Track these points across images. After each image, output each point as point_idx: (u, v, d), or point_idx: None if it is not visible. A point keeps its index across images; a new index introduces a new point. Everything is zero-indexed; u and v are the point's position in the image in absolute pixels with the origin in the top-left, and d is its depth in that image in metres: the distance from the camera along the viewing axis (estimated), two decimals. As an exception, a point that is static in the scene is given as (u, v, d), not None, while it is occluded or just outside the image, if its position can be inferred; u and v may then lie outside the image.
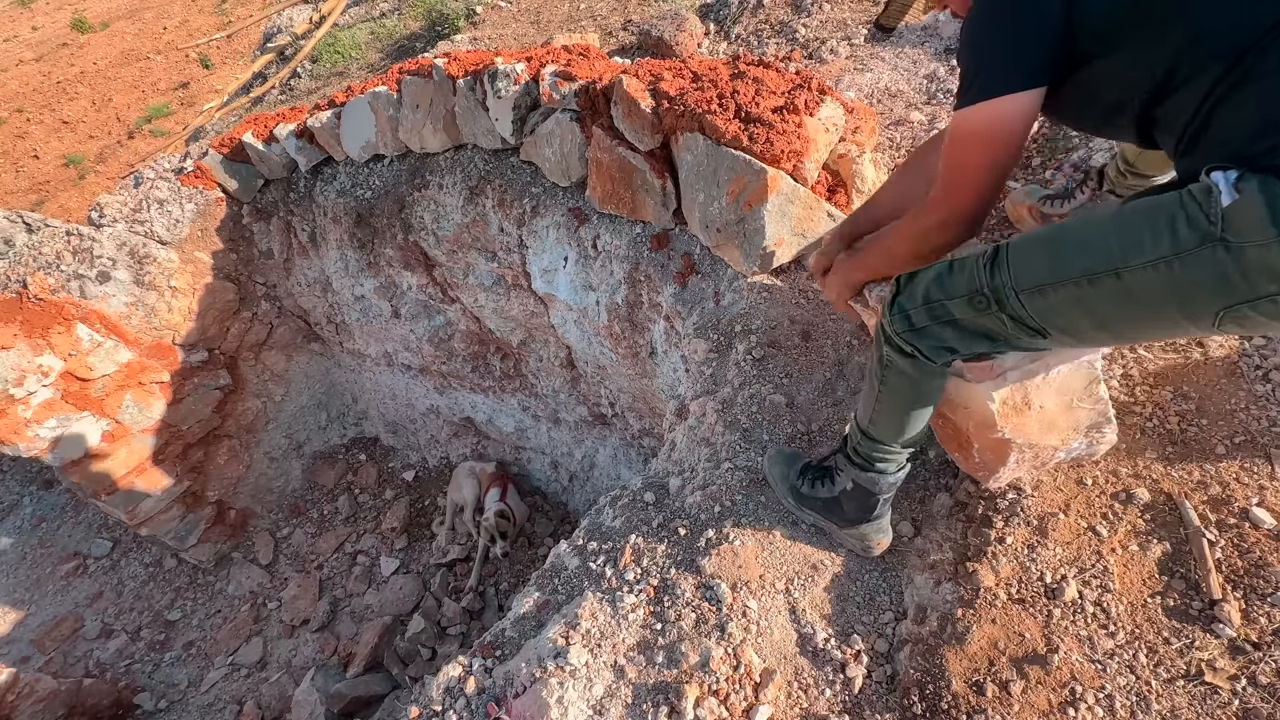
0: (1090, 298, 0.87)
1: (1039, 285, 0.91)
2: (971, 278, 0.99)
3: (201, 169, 3.61)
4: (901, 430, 1.24)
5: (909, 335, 1.09)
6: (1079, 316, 0.91)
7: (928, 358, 1.10)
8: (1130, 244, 0.82)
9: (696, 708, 1.27)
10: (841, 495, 1.38)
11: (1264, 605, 1.17)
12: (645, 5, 3.36)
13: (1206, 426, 1.40)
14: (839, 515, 1.42)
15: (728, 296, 2.17)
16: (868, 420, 1.27)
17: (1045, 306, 0.92)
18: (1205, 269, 0.77)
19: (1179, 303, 0.82)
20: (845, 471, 1.36)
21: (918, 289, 1.07)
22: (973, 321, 1.02)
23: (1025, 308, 0.94)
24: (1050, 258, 0.91)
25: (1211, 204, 0.75)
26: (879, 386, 1.20)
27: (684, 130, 2.12)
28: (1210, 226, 0.75)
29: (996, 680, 1.20)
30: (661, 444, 2.40)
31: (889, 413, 1.22)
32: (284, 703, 3.64)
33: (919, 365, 1.12)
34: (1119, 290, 0.84)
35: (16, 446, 3.34)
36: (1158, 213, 0.81)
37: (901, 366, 1.14)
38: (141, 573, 4.34)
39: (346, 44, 4.23)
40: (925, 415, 1.23)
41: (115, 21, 10.60)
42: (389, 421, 4.78)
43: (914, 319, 1.08)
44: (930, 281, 1.05)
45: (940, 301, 1.04)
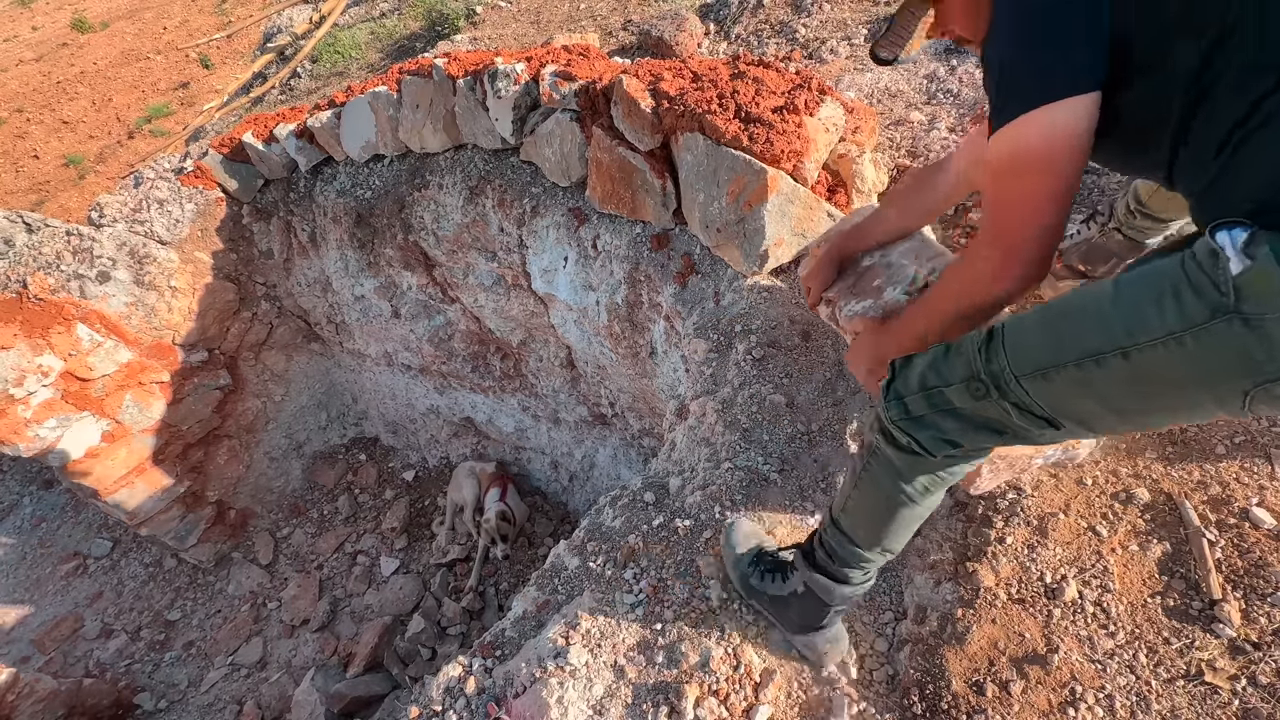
0: (1098, 381, 0.77)
1: (1040, 369, 0.81)
2: (968, 362, 0.90)
3: (201, 169, 3.61)
4: (876, 533, 1.10)
5: (905, 424, 0.98)
6: (1090, 402, 0.81)
7: (926, 450, 0.98)
8: (1134, 319, 0.72)
9: (696, 708, 1.27)
10: (791, 597, 1.25)
11: (1264, 605, 1.17)
12: (645, 5, 3.36)
13: (1206, 426, 1.40)
14: (784, 618, 1.29)
15: (728, 296, 2.17)
16: (840, 509, 1.14)
17: (1050, 392, 0.82)
18: (1223, 346, 0.67)
19: (1199, 384, 0.72)
20: (800, 572, 1.23)
21: (913, 374, 0.97)
22: (974, 411, 0.91)
23: (1028, 394, 0.84)
24: (1049, 337, 0.82)
25: (1219, 270, 0.67)
26: (859, 474, 1.08)
27: (684, 130, 2.12)
28: (1221, 297, 0.66)
29: (996, 680, 1.20)
30: (661, 444, 2.40)
31: (865, 508, 1.09)
32: (284, 703, 3.64)
33: (912, 460, 1.00)
34: (1129, 372, 0.74)
35: (16, 446, 3.34)
36: (1161, 281, 0.72)
37: (889, 456, 1.02)
38: (141, 573, 4.34)
39: (346, 44, 4.23)
40: (907, 521, 1.08)
41: (115, 21, 10.61)
42: (389, 421, 4.78)
43: (910, 407, 0.97)
44: (927, 366, 0.96)
45: (938, 388, 0.93)
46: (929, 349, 0.98)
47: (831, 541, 1.16)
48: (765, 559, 1.37)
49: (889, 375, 1.01)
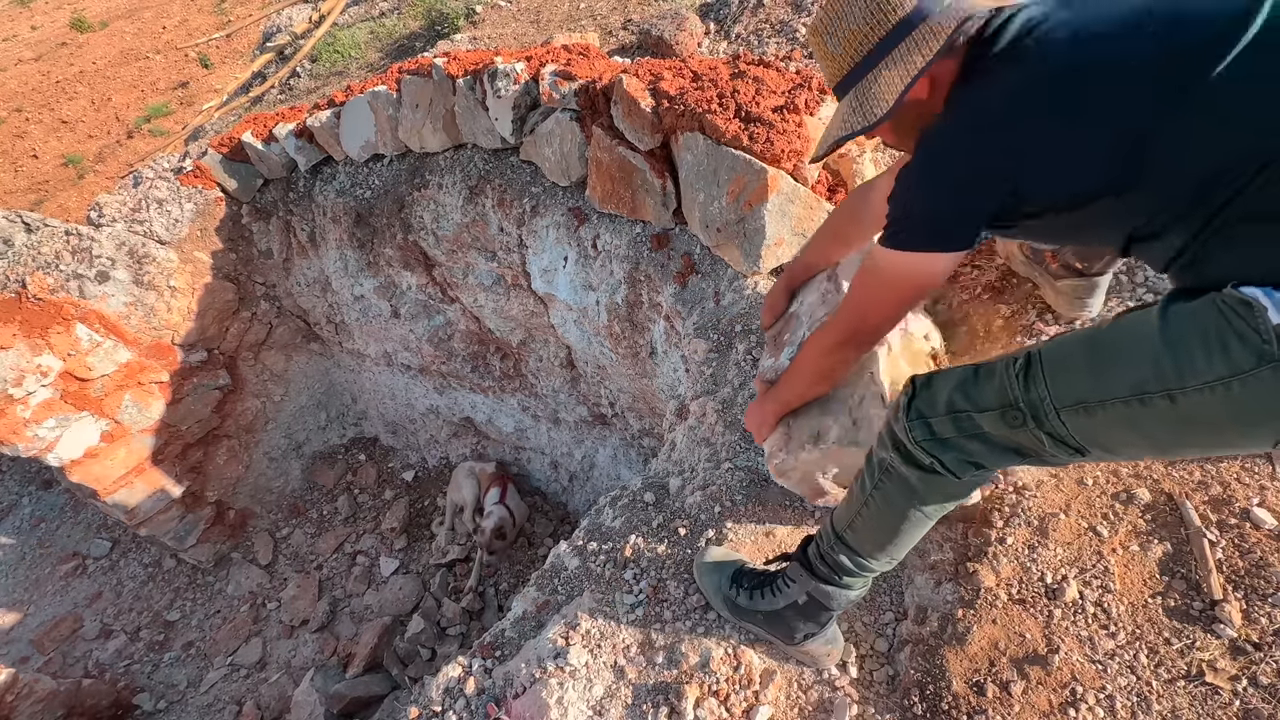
0: (1141, 418, 0.79)
1: (1082, 403, 0.82)
2: (1003, 389, 0.89)
3: (201, 168, 3.61)
4: (885, 547, 1.10)
5: (930, 446, 0.96)
6: (1128, 436, 0.83)
7: (950, 471, 0.96)
8: (1185, 364, 0.75)
9: (696, 708, 1.27)
10: (788, 609, 1.24)
11: (1265, 605, 1.17)
12: (645, 5, 3.35)
13: (1207, 426, 1.40)
14: (784, 631, 1.27)
15: (728, 296, 2.17)
16: (846, 526, 1.12)
17: (1089, 425, 0.84)
18: (1267, 392, 0.71)
19: (1238, 425, 0.76)
20: (799, 582, 1.21)
21: (939, 395, 0.96)
22: (1005, 437, 0.91)
23: (1066, 426, 0.85)
24: (1093, 374, 0.82)
25: (1258, 320, 0.70)
26: (870, 492, 1.06)
27: (684, 130, 2.12)
28: (1265, 346, 0.69)
29: (997, 681, 1.20)
30: (661, 444, 2.40)
31: (877, 525, 1.08)
32: (283, 703, 3.64)
33: (933, 480, 0.98)
34: (1173, 412, 0.77)
35: (15, 446, 3.34)
36: (1206, 326, 0.74)
37: (905, 476, 1.00)
38: (141, 573, 4.33)
39: (346, 43, 4.23)
40: (920, 533, 1.08)
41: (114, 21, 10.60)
42: (389, 421, 4.77)
43: (937, 429, 0.95)
44: (954, 388, 0.95)
45: (967, 413, 0.92)
46: (951, 369, 0.99)
47: (837, 556, 1.15)
48: (746, 577, 1.34)
49: (908, 394, 1.00)
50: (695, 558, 1.47)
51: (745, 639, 1.37)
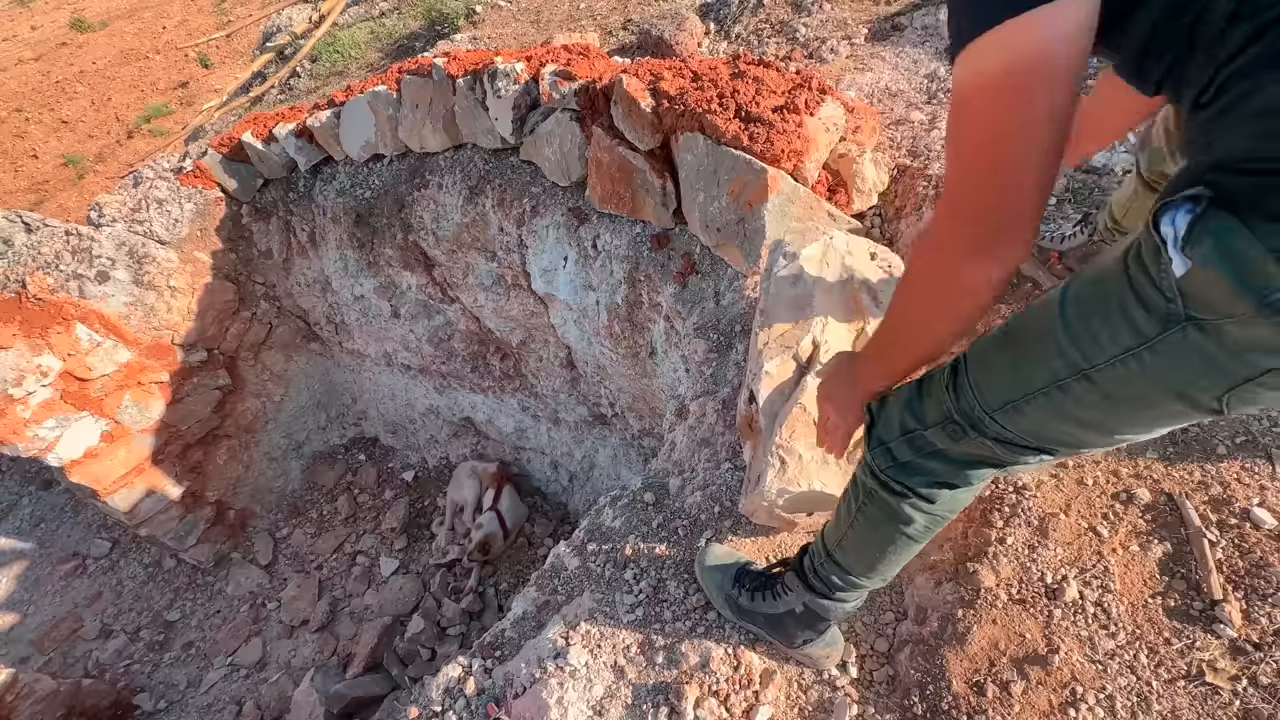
0: (1069, 405, 0.72)
1: (1009, 402, 0.76)
2: (939, 402, 0.84)
3: (201, 169, 3.61)
4: (873, 567, 1.06)
5: (894, 472, 0.93)
6: (1070, 426, 0.75)
7: (922, 497, 0.92)
8: (1087, 342, 0.67)
9: (696, 708, 1.27)
10: (786, 616, 1.24)
11: (1265, 606, 1.17)
12: (645, 5, 3.35)
13: (1208, 426, 1.40)
14: (783, 635, 1.27)
15: (728, 296, 2.17)
16: (835, 544, 1.09)
17: (1026, 422, 0.77)
18: (1184, 356, 0.61)
19: (1170, 394, 0.66)
20: (795, 593, 1.21)
21: (892, 418, 0.91)
22: (960, 452, 0.86)
23: (1005, 428, 0.78)
24: (1011, 370, 0.76)
25: (1163, 274, 0.59)
26: (855, 515, 1.03)
27: (684, 130, 2.12)
28: (1169, 305, 0.59)
29: (997, 681, 1.20)
30: (661, 444, 2.40)
31: (864, 546, 1.05)
32: (283, 703, 3.64)
33: (910, 504, 0.94)
34: (1096, 393, 0.69)
35: (16, 447, 3.34)
36: (1108, 296, 0.65)
37: (886, 501, 0.96)
38: (141, 573, 4.33)
39: (346, 43, 4.23)
40: (909, 554, 1.03)
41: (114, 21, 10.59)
42: (389, 421, 4.77)
43: (896, 453, 0.91)
44: (903, 408, 0.89)
45: (918, 431, 0.87)
46: (900, 388, 0.92)
47: (828, 574, 1.13)
48: (749, 578, 1.34)
49: (868, 420, 0.96)
50: (697, 556, 1.47)
51: (745, 639, 1.37)
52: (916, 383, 0.90)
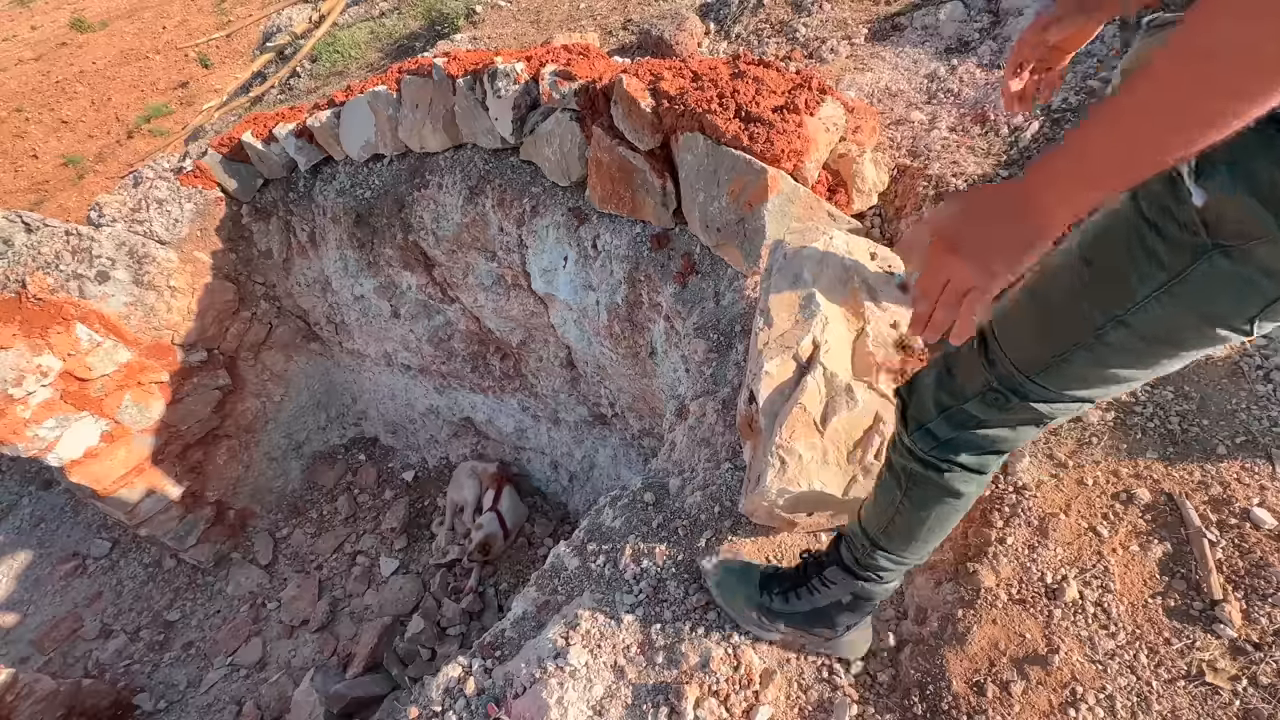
0: (1108, 354, 0.73)
1: (1049, 364, 0.77)
2: (974, 374, 0.85)
3: (201, 168, 3.61)
4: (926, 543, 1.07)
5: (941, 451, 0.93)
6: (1113, 370, 0.76)
7: (973, 470, 0.93)
8: (1117, 288, 0.68)
9: (696, 708, 1.27)
10: (832, 606, 1.24)
11: (1265, 606, 1.17)
12: (645, 5, 3.35)
13: (1208, 426, 1.40)
14: (826, 625, 1.26)
15: (728, 296, 2.17)
16: (880, 531, 1.09)
17: (1071, 379, 0.78)
18: (1215, 283, 0.62)
19: (1205, 321, 0.67)
20: (841, 584, 1.21)
21: (925, 400, 0.91)
22: (1001, 418, 0.87)
23: (1049, 389, 0.79)
24: (1043, 332, 0.77)
25: (1182, 205, 0.59)
26: (901, 500, 1.02)
27: (684, 130, 2.12)
28: (1194, 237, 0.60)
29: (997, 681, 1.20)
30: (661, 444, 2.40)
31: (914, 525, 1.04)
32: (283, 703, 3.64)
33: (959, 478, 0.95)
34: (1133, 336, 0.70)
35: (16, 447, 3.34)
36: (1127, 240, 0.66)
37: (932, 479, 0.96)
38: (141, 573, 4.33)
39: (346, 43, 4.23)
40: (957, 519, 1.05)
41: (114, 21, 10.59)
42: (388, 421, 4.77)
43: (938, 433, 0.91)
44: (935, 388, 0.90)
45: (956, 407, 0.88)
46: (924, 371, 0.92)
47: (874, 560, 1.13)
48: (776, 581, 1.33)
49: (900, 404, 0.95)
50: (710, 577, 1.44)
51: (745, 639, 1.37)
52: (943, 360, 0.90)
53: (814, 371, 1.49)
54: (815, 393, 1.47)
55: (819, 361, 1.50)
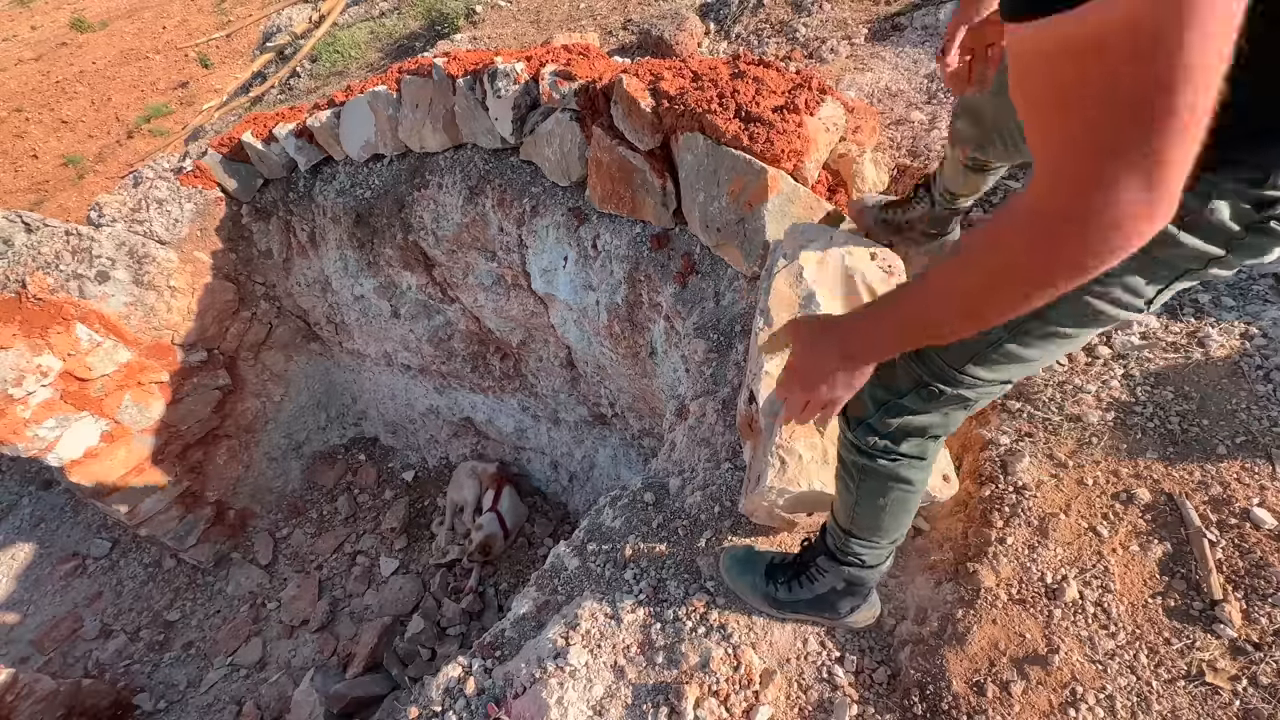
0: (1029, 344, 0.83)
1: (977, 354, 0.85)
2: (907, 370, 0.91)
3: (201, 168, 3.61)
4: (893, 526, 1.15)
5: (882, 443, 1.00)
6: (1028, 356, 0.85)
7: (913, 456, 1.01)
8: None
9: (697, 708, 1.27)
10: (830, 593, 1.30)
11: (1265, 606, 1.17)
12: (645, 5, 3.35)
13: (1208, 426, 1.40)
14: (830, 610, 1.33)
15: (728, 296, 2.17)
16: (849, 522, 1.17)
17: (993, 366, 0.86)
18: (1121, 280, 0.74)
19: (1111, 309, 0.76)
20: (833, 572, 1.27)
21: (863, 396, 0.96)
22: (933, 407, 0.94)
23: (974, 377, 0.87)
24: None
25: None
26: (857, 491, 1.10)
27: (684, 130, 2.12)
28: None
29: (997, 681, 1.20)
30: (661, 444, 2.40)
31: (875, 513, 1.12)
32: (283, 703, 3.64)
33: (903, 464, 1.03)
34: (1045, 325, 0.80)
35: (16, 447, 3.34)
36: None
37: (879, 469, 1.04)
38: (141, 573, 4.33)
39: (346, 43, 4.23)
40: (918, 501, 1.13)
41: (114, 21, 10.59)
42: (388, 421, 4.77)
43: (877, 427, 0.99)
44: (872, 386, 0.95)
45: (893, 402, 0.95)
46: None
47: (852, 548, 1.20)
48: (780, 570, 1.38)
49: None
50: (719, 562, 1.48)
51: (745, 639, 1.37)
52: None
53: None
54: None
55: None
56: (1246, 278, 1.64)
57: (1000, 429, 1.53)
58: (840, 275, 1.65)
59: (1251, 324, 1.53)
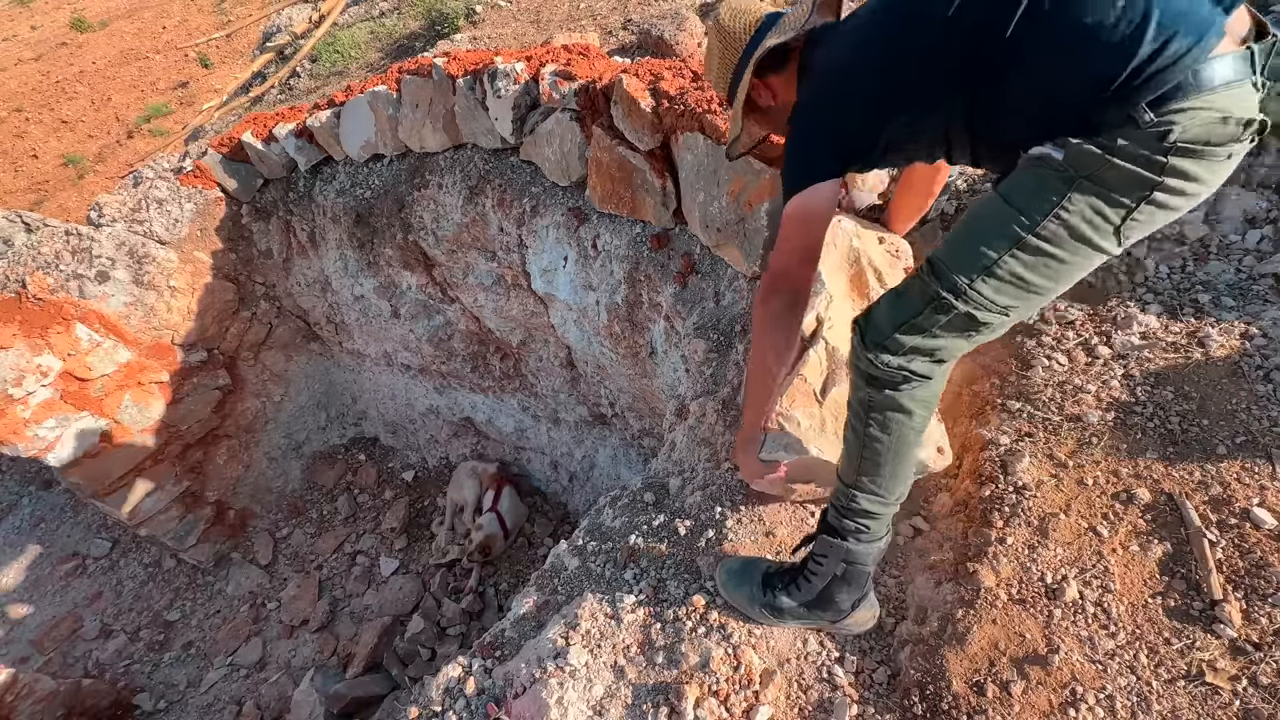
0: (1027, 262, 1.02)
1: (984, 268, 1.04)
2: (923, 290, 1.09)
3: (201, 168, 3.61)
4: (898, 472, 1.21)
5: (897, 361, 1.12)
6: (1028, 280, 1.04)
7: (920, 375, 1.13)
8: (1032, 208, 1.00)
9: (696, 708, 1.27)
10: (832, 584, 1.30)
11: (1265, 606, 1.16)
12: (645, 4, 3.35)
13: (1208, 426, 1.40)
14: (831, 610, 1.32)
15: (728, 296, 2.17)
16: (856, 474, 1.22)
17: (998, 285, 1.04)
18: (1086, 199, 0.97)
19: (1089, 231, 0.99)
20: (832, 554, 1.28)
21: (880, 322, 1.13)
22: (945, 326, 1.10)
23: (981, 294, 1.05)
24: (979, 245, 1.05)
25: (1051, 160, 0.98)
26: (865, 433, 1.19)
27: (684, 130, 2.12)
28: (1065, 171, 0.97)
29: (997, 681, 1.20)
30: (661, 444, 2.40)
31: (882, 456, 1.19)
32: (283, 703, 3.64)
33: (911, 390, 1.14)
34: (1043, 248, 1.01)
35: (16, 446, 3.34)
36: (1030, 180, 1.02)
37: (886, 400, 1.15)
38: (140, 573, 4.33)
39: (346, 43, 4.23)
40: (919, 446, 1.23)
41: (114, 21, 10.59)
42: (388, 421, 4.77)
43: (892, 346, 1.12)
44: (888, 310, 1.13)
45: (909, 321, 1.11)
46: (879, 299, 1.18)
47: (859, 504, 1.23)
48: (777, 577, 1.37)
49: (857, 335, 1.17)
50: (715, 576, 1.47)
51: (745, 639, 1.37)
52: (892, 290, 1.17)
53: (816, 345, 1.55)
54: (817, 365, 1.52)
55: (822, 336, 1.55)
56: (1246, 278, 1.64)
57: (1000, 429, 1.53)
58: (846, 256, 1.67)
59: (1251, 324, 1.53)
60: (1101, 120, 0.95)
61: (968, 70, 1.05)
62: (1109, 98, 0.93)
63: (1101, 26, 0.92)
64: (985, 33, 1.01)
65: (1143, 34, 0.90)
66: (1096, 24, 0.92)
